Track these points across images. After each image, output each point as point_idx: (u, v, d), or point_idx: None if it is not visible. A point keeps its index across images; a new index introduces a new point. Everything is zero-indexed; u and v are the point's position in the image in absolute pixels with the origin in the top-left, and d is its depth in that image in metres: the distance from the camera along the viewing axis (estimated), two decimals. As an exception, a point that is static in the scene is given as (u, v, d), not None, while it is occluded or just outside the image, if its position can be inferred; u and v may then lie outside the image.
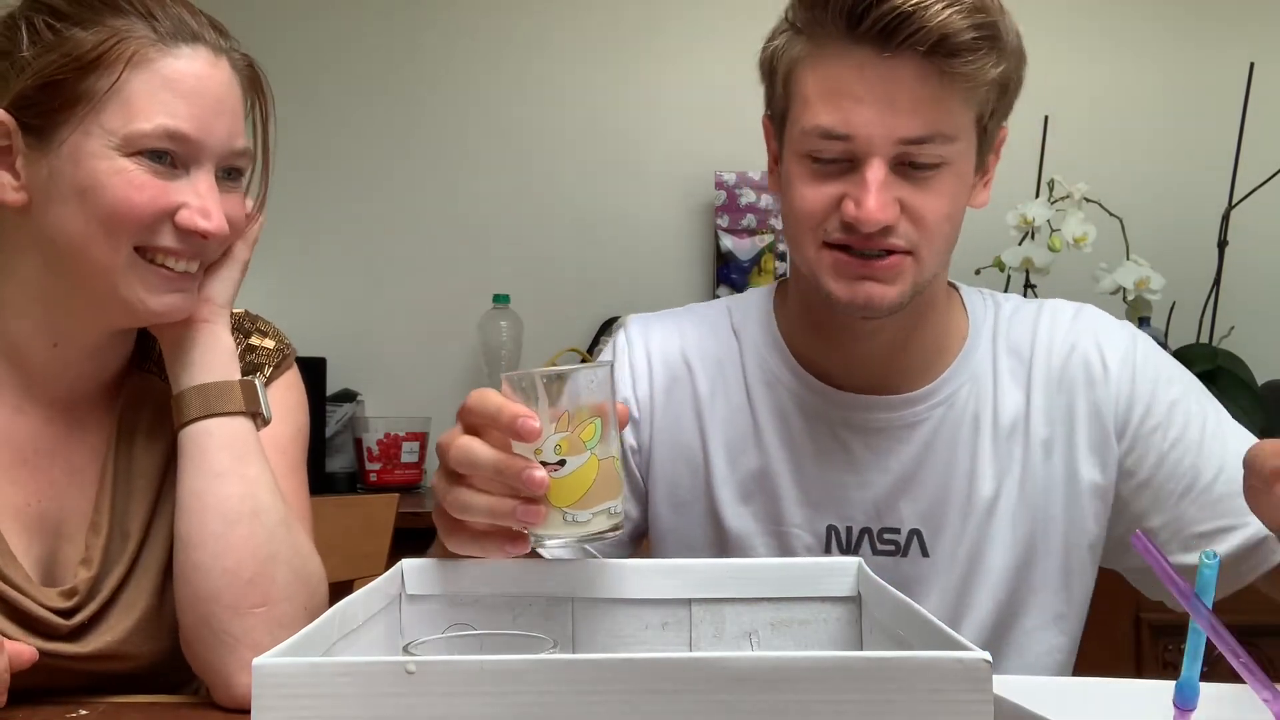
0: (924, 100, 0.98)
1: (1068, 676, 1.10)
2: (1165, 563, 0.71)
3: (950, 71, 0.97)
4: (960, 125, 1.01)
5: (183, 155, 0.97)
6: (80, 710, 0.91)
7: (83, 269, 0.97)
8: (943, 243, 1.04)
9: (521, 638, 0.75)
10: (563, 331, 2.55)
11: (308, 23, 2.62)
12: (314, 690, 0.55)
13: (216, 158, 1.00)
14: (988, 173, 1.09)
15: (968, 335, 1.14)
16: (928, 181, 1.01)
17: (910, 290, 1.04)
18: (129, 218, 0.95)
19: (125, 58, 0.95)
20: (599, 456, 0.79)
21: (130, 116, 0.95)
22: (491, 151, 2.63)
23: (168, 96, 0.96)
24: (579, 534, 0.80)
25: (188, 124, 0.97)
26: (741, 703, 0.55)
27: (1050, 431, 1.12)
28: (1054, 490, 1.12)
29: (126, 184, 0.95)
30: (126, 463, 1.06)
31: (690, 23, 2.60)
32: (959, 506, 1.11)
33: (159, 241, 0.97)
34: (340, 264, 2.61)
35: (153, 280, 0.98)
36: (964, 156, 1.03)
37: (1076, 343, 1.13)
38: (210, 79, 0.99)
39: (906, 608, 0.70)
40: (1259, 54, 2.39)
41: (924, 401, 1.12)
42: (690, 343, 1.19)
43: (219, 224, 0.98)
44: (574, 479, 0.79)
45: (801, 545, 1.13)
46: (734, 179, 2.53)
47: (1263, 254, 2.50)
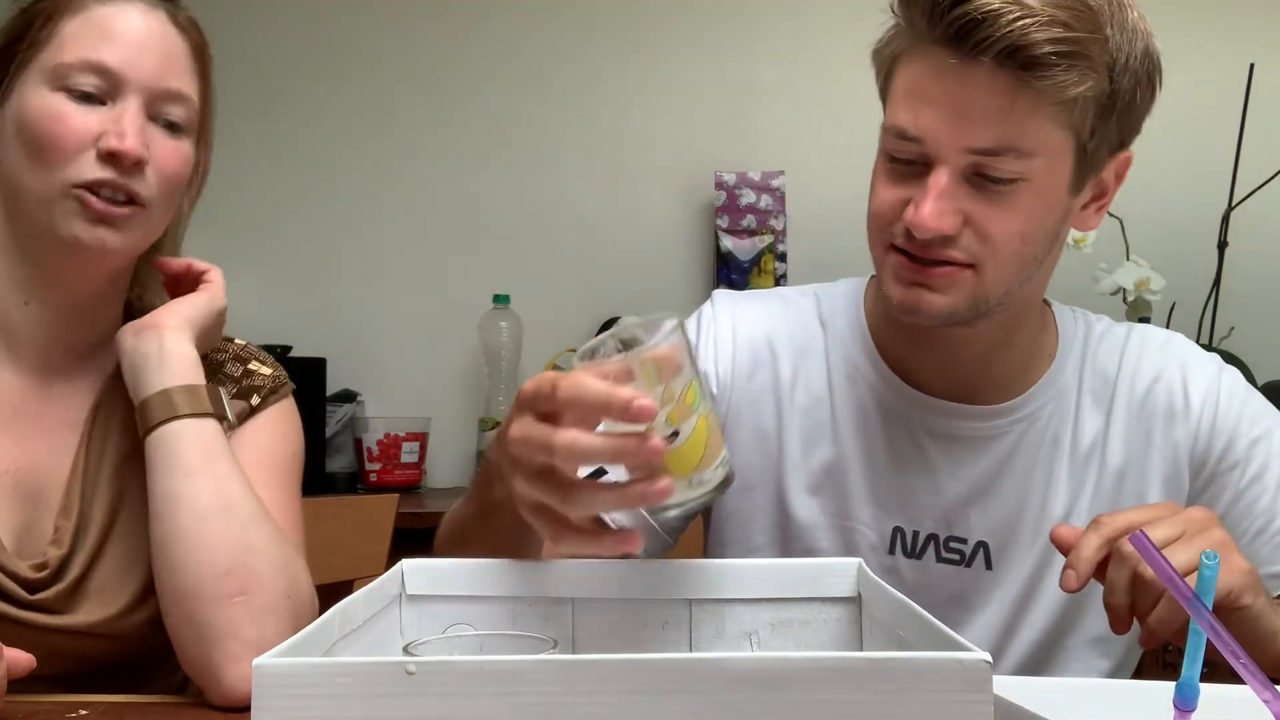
0: (997, 111, 0.95)
1: (1068, 677, 1.10)
2: (1166, 563, 0.71)
3: (1026, 85, 0.94)
4: (1041, 141, 0.97)
5: (106, 89, 1.02)
6: (80, 710, 0.91)
7: (24, 207, 1.02)
8: (1012, 260, 1.00)
9: (521, 638, 0.75)
10: (563, 331, 2.55)
11: (308, 22, 2.62)
12: (314, 690, 0.55)
13: (143, 93, 1.03)
14: (1104, 196, 1.06)
15: (1056, 354, 1.13)
16: (1001, 196, 0.97)
17: (967, 303, 1.01)
18: (50, 145, 1.00)
19: (64, 8, 1.03)
20: (704, 415, 0.76)
21: (57, 52, 1.02)
22: (491, 151, 2.63)
23: (93, 34, 1.02)
24: (702, 495, 0.77)
25: (109, 56, 1.02)
26: (742, 703, 0.55)
27: (1125, 459, 1.11)
28: None
29: (49, 114, 1.00)
30: (100, 446, 1.07)
31: (690, 23, 2.60)
32: (1030, 524, 1.10)
33: (85, 174, 1.00)
34: (340, 264, 2.61)
35: (82, 211, 1.01)
36: (1049, 175, 0.98)
37: (1161, 373, 1.12)
38: (138, 22, 1.04)
39: (907, 608, 0.70)
40: (1259, 54, 2.39)
41: (1007, 415, 1.11)
42: (777, 327, 1.17)
43: (133, 145, 1.00)
44: (690, 445, 0.75)
45: (866, 543, 1.12)
46: (734, 179, 2.53)
47: (1263, 255, 2.50)
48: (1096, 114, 0.98)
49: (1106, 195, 1.07)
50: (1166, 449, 1.11)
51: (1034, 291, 1.09)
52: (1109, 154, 1.03)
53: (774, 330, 1.17)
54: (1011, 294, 1.03)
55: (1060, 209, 1.02)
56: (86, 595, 1.03)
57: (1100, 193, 1.06)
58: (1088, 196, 1.05)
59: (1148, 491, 1.10)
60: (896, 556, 1.12)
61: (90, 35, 1.02)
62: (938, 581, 1.11)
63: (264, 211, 2.56)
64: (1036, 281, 1.08)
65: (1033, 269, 1.04)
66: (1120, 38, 0.97)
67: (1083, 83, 0.94)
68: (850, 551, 1.13)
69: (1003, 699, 0.64)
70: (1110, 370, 1.13)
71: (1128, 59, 0.97)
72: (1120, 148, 1.04)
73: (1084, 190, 1.04)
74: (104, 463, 1.07)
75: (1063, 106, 0.96)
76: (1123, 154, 1.04)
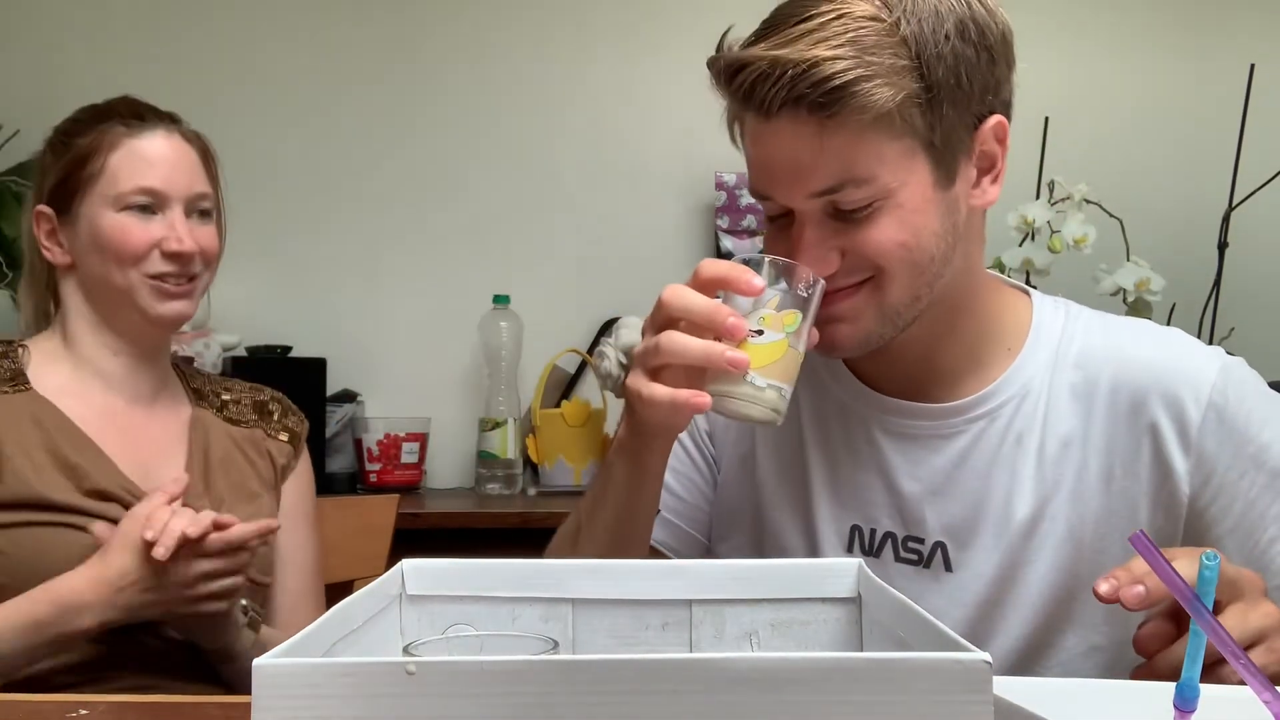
0: (815, 154, 0.97)
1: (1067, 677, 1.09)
2: (1166, 564, 0.71)
3: (824, 125, 0.95)
4: (876, 162, 0.97)
5: (156, 203, 1.38)
6: (80, 710, 0.91)
7: (108, 296, 1.39)
8: (905, 268, 1.00)
9: (521, 638, 0.75)
10: (563, 331, 2.56)
11: (308, 23, 2.62)
12: (314, 690, 0.55)
13: (183, 201, 1.39)
14: (993, 167, 1.04)
15: (1023, 349, 1.10)
16: (865, 221, 0.99)
17: (877, 322, 1.02)
18: (125, 251, 1.36)
19: (106, 145, 1.38)
20: (790, 344, 0.94)
21: (114, 183, 1.37)
22: (492, 152, 2.63)
23: (138, 163, 1.38)
24: (752, 397, 0.93)
25: (154, 180, 1.38)
26: (742, 704, 0.55)
27: (1110, 461, 1.06)
28: (1113, 522, 1.06)
29: (119, 230, 1.37)
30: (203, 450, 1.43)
31: (690, 23, 2.59)
32: (991, 525, 1.07)
33: (154, 268, 1.37)
34: (341, 264, 2.61)
35: (156, 293, 1.38)
36: (904, 185, 0.98)
37: (1153, 374, 1.06)
38: (167, 148, 1.40)
39: (907, 609, 0.70)
40: (1259, 55, 2.39)
41: (962, 414, 1.09)
42: None
43: (190, 244, 1.38)
44: (765, 349, 0.94)
45: (827, 542, 1.13)
46: (734, 179, 2.53)
47: (1263, 255, 2.50)
48: (923, 113, 0.98)
49: (996, 165, 1.04)
50: (1158, 455, 1.05)
51: (960, 282, 1.06)
52: (969, 132, 1.01)
53: None
54: (923, 298, 1.03)
55: (937, 207, 1.01)
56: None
57: (988, 165, 1.04)
58: (972, 176, 1.03)
59: (1138, 499, 1.06)
60: (855, 555, 1.11)
61: (135, 165, 1.38)
62: (898, 582, 1.07)
63: (264, 212, 2.56)
64: (958, 273, 1.05)
65: (937, 269, 1.02)
66: (918, 28, 0.96)
67: (878, 100, 0.94)
68: (815, 550, 1.13)
69: (1003, 699, 0.64)
70: (1093, 366, 1.08)
71: (936, 44, 0.97)
72: (982, 119, 1.01)
73: (960, 176, 1.02)
74: (211, 460, 1.42)
75: (879, 125, 0.96)
76: (990, 122, 1.02)
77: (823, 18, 0.96)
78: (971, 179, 1.04)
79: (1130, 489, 1.06)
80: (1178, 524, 1.06)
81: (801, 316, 0.95)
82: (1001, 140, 1.04)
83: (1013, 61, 1.04)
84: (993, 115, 1.02)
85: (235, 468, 1.44)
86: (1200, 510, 1.05)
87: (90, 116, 1.41)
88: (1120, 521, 1.05)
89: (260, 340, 2.42)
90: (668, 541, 1.20)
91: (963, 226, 1.04)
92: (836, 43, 0.94)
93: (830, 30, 0.95)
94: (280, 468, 1.50)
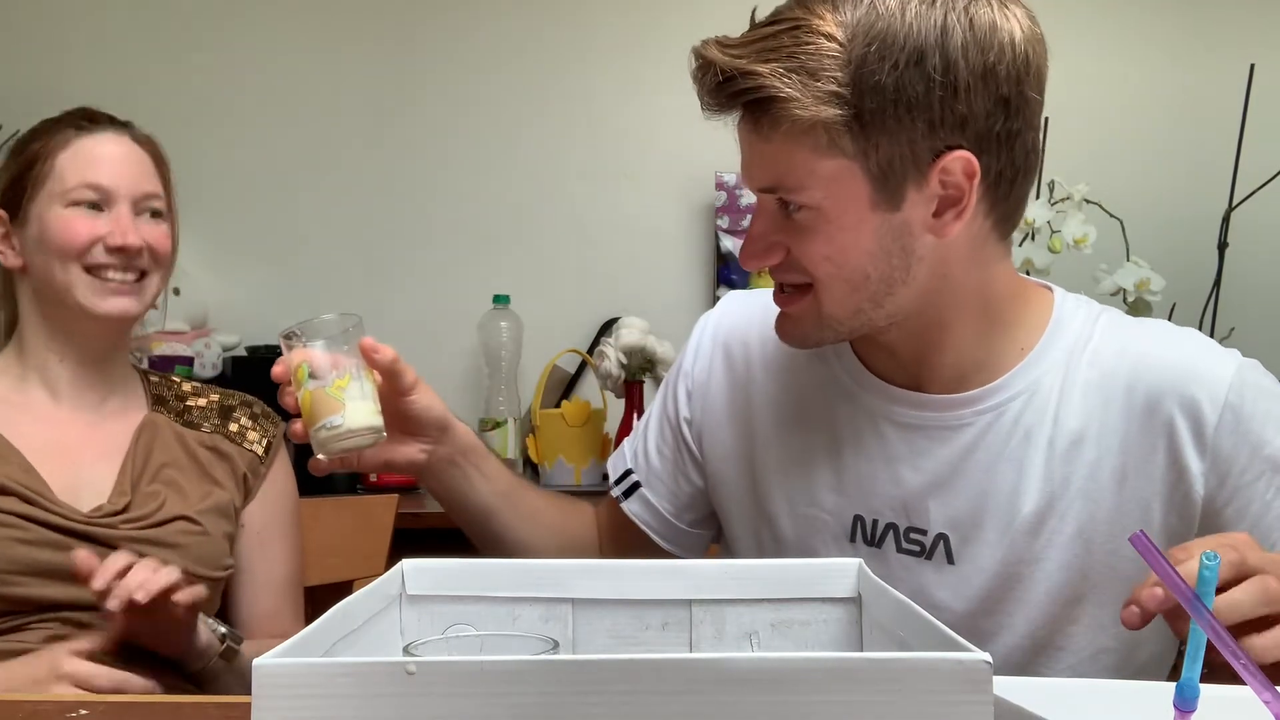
0: (760, 155, 1.02)
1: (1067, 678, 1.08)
2: (1166, 564, 0.71)
3: (758, 128, 1.00)
4: (807, 174, 0.99)
5: (103, 199, 1.37)
6: (80, 710, 0.91)
7: (53, 292, 1.37)
8: (836, 283, 1.03)
9: (521, 638, 0.75)
10: (563, 331, 2.55)
11: (308, 24, 2.61)
12: (314, 690, 0.55)
13: (130, 198, 1.38)
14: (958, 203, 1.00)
15: (1037, 346, 1.09)
16: (799, 225, 1.02)
17: (814, 326, 1.06)
18: (67, 245, 1.35)
19: (55, 146, 1.38)
20: (309, 389, 1.08)
21: (62, 180, 1.37)
22: (492, 151, 2.63)
23: (84, 161, 1.38)
24: (315, 446, 1.08)
25: (100, 176, 1.37)
26: (742, 704, 0.55)
27: (1124, 460, 1.05)
28: (1125, 523, 1.04)
29: (65, 225, 1.36)
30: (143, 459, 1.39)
31: (690, 23, 2.59)
32: (996, 519, 1.07)
33: (97, 259, 1.35)
34: (341, 264, 2.61)
35: (99, 288, 1.36)
36: (835, 201, 0.99)
37: (1170, 375, 1.05)
38: (115, 149, 1.40)
39: (907, 609, 0.70)
40: (1259, 55, 2.39)
41: (969, 406, 1.08)
42: (753, 323, 1.21)
43: (134, 239, 1.36)
44: (301, 407, 1.09)
45: (828, 531, 1.13)
46: (734, 179, 2.53)
47: (1263, 256, 2.50)
48: (853, 137, 0.97)
49: (962, 200, 1.00)
50: (1172, 456, 1.04)
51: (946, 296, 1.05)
52: (922, 162, 0.98)
53: (750, 327, 1.22)
54: (866, 312, 1.04)
55: (874, 228, 1.00)
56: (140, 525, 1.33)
57: (953, 199, 1.00)
58: (931, 206, 1.00)
59: (1152, 499, 1.05)
60: (857, 545, 1.12)
61: (82, 162, 1.38)
62: (898, 572, 1.09)
63: (264, 212, 2.56)
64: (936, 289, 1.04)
65: (876, 288, 1.02)
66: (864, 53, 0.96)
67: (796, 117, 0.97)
68: (810, 539, 1.14)
69: (1003, 699, 0.64)
70: (1110, 365, 1.07)
71: (878, 74, 0.96)
72: (945, 149, 0.98)
73: (907, 203, 1.00)
74: (147, 467, 1.38)
75: (805, 139, 0.99)
76: (951, 155, 0.98)
77: (780, 27, 0.99)
78: (930, 209, 1.01)
79: (1143, 489, 1.05)
80: (1191, 525, 1.05)
81: (307, 364, 1.10)
82: (970, 176, 0.99)
83: (1008, 96, 0.99)
84: (959, 149, 0.98)
85: (178, 467, 1.40)
86: (1215, 512, 1.04)
87: (45, 125, 1.42)
88: (1132, 522, 1.04)
89: (260, 340, 2.42)
90: (642, 516, 1.26)
91: (926, 249, 1.02)
92: (775, 57, 0.98)
93: (779, 42, 0.98)
94: (241, 475, 1.45)
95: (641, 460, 1.27)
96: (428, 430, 1.17)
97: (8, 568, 1.26)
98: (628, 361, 2.37)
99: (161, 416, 1.44)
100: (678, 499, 1.25)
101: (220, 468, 1.44)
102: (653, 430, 1.27)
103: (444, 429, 1.17)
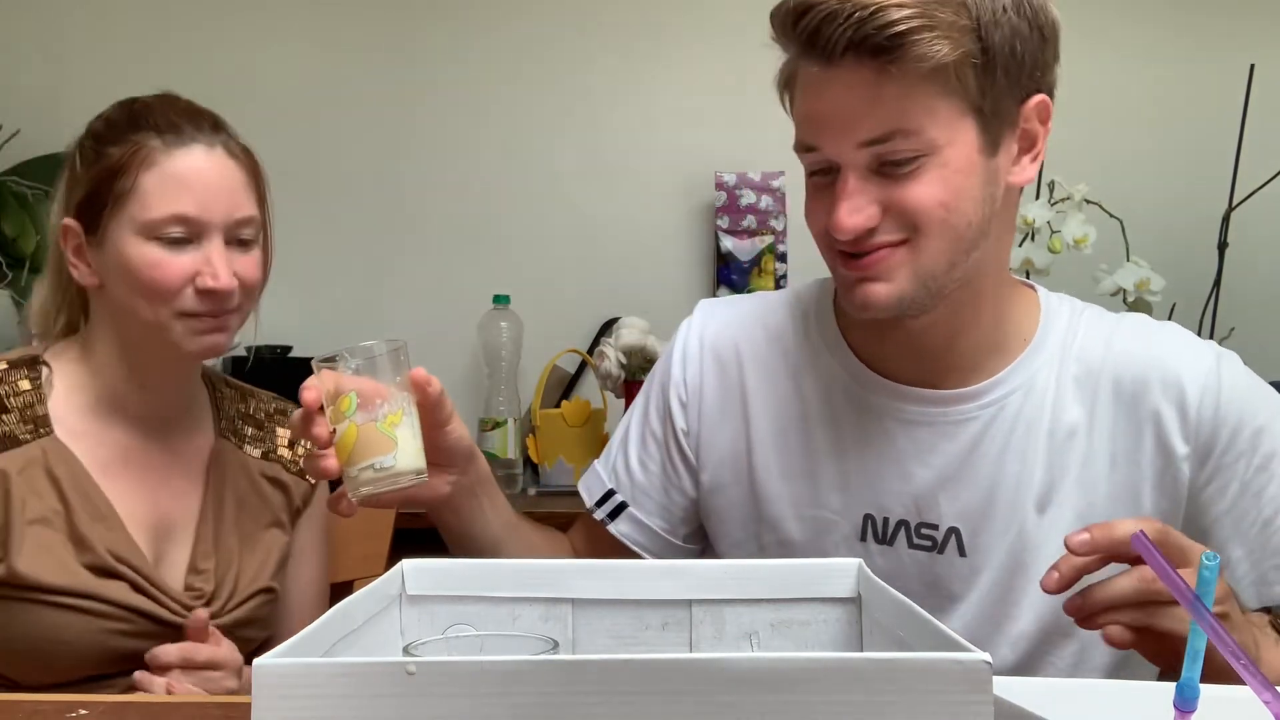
0: (868, 102, 0.99)
1: (1067, 677, 1.09)
2: (1165, 563, 0.71)
3: (883, 70, 0.97)
4: (927, 116, 1.00)
5: (191, 232, 1.23)
6: (80, 710, 0.91)
7: (136, 327, 1.25)
8: (943, 231, 1.02)
9: (521, 638, 0.75)
10: (563, 332, 2.55)
11: (309, 25, 2.61)
12: (314, 690, 0.55)
13: (221, 229, 1.25)
14: (1034, 146, 1.07)
15: (1033, 339, 1.12)
16: (909, 177, 1.01)
17: (913, 284, 1.03)
18: (153, 288, 1.22)
19: (138, 162, 1.22)
20: (356, 423, 0.99)
21: (145, 208, 1.22)
22: (491, 151, 2.63)
23: (173, 187, 1.23)
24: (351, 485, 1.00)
25: (190, 207, 1.23)
26: (742, 704, 0.55)
27: (1114, 449, 1.09)
28: (1117, 509, 1.08)
29: (149, 264, 1.22)
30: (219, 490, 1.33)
31: (690, 23, 2.60)
32: (1003, 510, 1.10)
33: (187, 305, 1.23)
34: (341, 264, 2.61)
35: (191, 330, 1.25)
36: (951, 145, 1.01)
37: (1153, 363, 1.10)
38: (206, 169, 1.25)
39: (907, 609, 0.70)
40: (1259, 55, 2.39)
41: (974, 400, 1.11)
42: (745, 326, 1.21)
43: (226, 281, 1.23)
44: (339, 443, 1.00)
45: (839, 532, 1.13)
46: (734, 180, 2.53)
47: (1263, 256, 2.50)
48: (976, 75, 1.00)
49: (1037, 144, 1.07)
50: (1160, 442, 1.08)
51: (989, 266, 1.09)
52: (1016, 105, 1.04)
53: (742, 329, 1.21)
54: (959, 266, 1.04)
55: (980, 173, 1.03)
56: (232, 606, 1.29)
57: (1029, 144, 1.07)
58: (1014, 150, 1.06)
59: (1141, 484, 1.09)
60: (868, 544, 1.12)
61: (170, 190, 1.22)
62: (910, 568, 1.11)
63: (264, 211, 2.56)
64: (989, 254, 1.07)
65: (974, 238, 1.04)
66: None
67: (937, 52, 0.97)
68: (821, 541, 1.14)
69: (1003, 699, 0.64)
70: (1095, 358, 1.11)
71: (994, 13, 1.00)
72: (1028, 95, 1.05)
73: (1003, 148, 1.05)
74: (225, 504, 1.32)
75: (934, 79, 0.99)
76: (1035, 100, 1.05)
77: None
78: (1013, 154, 1.06)
79: (1133, 476, 1.09)
80: (1179, 507, 1.09)
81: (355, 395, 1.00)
82: (1044, 121, 1.07)
83: (1058, 53, 1.07)
84: (1038, 94, 1.05)
85: (248, 509, 1.35)
86: (1197, 492, 1.08)
87: (125, 120, 1.27)
88: (1125, 508, 1.08)
89: (260, 340, 2.42)
90: (633, 536, 1.23)
91: (999, 201, 1.06)
92: None
93: None
94: (295, 509, 1.41)
95: (624, 478, 1.24)
96: (456, 461, 1.13)
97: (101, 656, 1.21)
98: (628, 361, 2.37)
99: (228, 444, 1.37)
100: (670, 514, 1.23)
101: (278, 500, 1.39)
102: (634, 446, 1.24)
103: (470, 459, 1.14)
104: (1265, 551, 1.07)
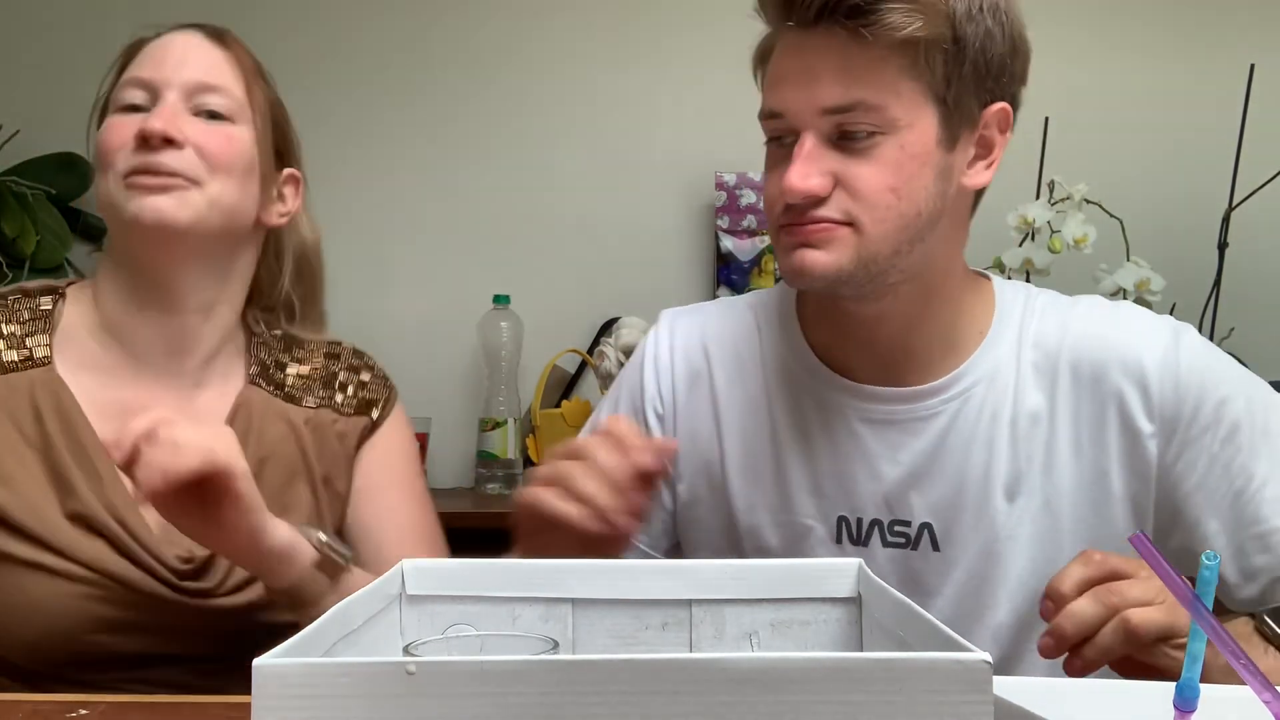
0: (843, 69, 1.00)
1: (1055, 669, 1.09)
2: (1165, 563, 0.71)
3: (858, 37, 0.98)
4: (891, 94, 1.00)
5: (149, 98, 1.15)
6: (80, 710, 0.91)
7: (110, 221, 1.16)
8: (889, 216, 1.02)
9: (521, 638, 0.75)
10: (563, 331, 2.55)
11: (308, 22, 2.62)
12: (314, 690, 0.55)
13: (179, 89, 1.15)
14: (990, 153, 1.07)
15: (990, 330, 1.13)
16: (864, 152, 1.01)
17: (853, 262, 1.03)
18: (101, 156, 1.14)
19: (128, 59, 1.20)
20: None
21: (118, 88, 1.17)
22: (491, 151, 2.63)
23: (139, 60, 1.18)
24: None
25: (146, 70, 1.16)
26: (742, 704, 0.55)
27: (1078, 433, 1.10)
28: (1087, 492, 1.09)
29: (106, 129, 1.15)
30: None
31: (690, 23, 2.59)
32: (973, 502, 1.10)
33: (129, 163, 1.12)
34: (340, 264, 2.60)
35: (131, 192, 1.12)
36: (910, 128, 1.01)
37: (1111, 346, 1.10)
38: (175, 42, 1.18)
39: (907, 609, 0.70)
40: (1259, 55, 2.39)
41: (937, 395, 1.11)
42: (711, 335, 1.21)
43: (163, 124, 1.11)
44: None
45: (814, 536, 1.13)
46: (734, 180, 2.53)
47: (1263, 256, 2.50)
48: (945, 62, 1.01)
49: (993, 151, 1.08)
50: (1124, 422, 1.09)
51: (939, 262, 1.09)
52: (979, 106, 1.05)
53: (708, 338, 1.21)
54: (903, 254, 1.04)
55: (935, 164, 1.03)
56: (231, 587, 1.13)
57: (986, 149, 1.07)
58: (970, 153, 1.06)
59: (1109, 466, 1.09)
60: (844, 546, 1.13)
61: (136, 62, 1.18)
62: (886, 566, 1.11)
63: (264, 211, 2.56)
64: (937, 250, 1.07)
65: (921, 228, 1.04)
66: None
67: (910, 23, 0.98)
68: (798, 546, 1.14)
69: (1003, 699, 0.64)
70: (1052, 343, 1.11)
71: (971, 10, 1.01)
72: (991, 100, 1.05)
73: (959, 146, 1.05)
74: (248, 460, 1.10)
75: (903, 53, 0.99)
76: (997, 106, 1.06)
77: None
78: (969, 155, 1.07)
79: (1099, 459, 1.09)
80: (1149, 486, 1.09)
81: None
82: (1004, 130, 1.07)
83: (1026, 75, 1.08)
84: (1002, 101, 1.06)
85: (277, 463, 1.20)
86: (1167, 469, 1.08)
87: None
88: (1094, 491, 1.09)
89: (260, 340, 2.42)
90: None
91: (951, 199, 1.06)
92: None
93: None
94: (351, 453, 1.26)
95: None
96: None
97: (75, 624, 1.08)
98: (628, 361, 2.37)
99: (258, 393, 1.23)
100: (651, 528, 1.21)
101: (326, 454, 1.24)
102: None
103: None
104: (1240, 523, 1.07)
